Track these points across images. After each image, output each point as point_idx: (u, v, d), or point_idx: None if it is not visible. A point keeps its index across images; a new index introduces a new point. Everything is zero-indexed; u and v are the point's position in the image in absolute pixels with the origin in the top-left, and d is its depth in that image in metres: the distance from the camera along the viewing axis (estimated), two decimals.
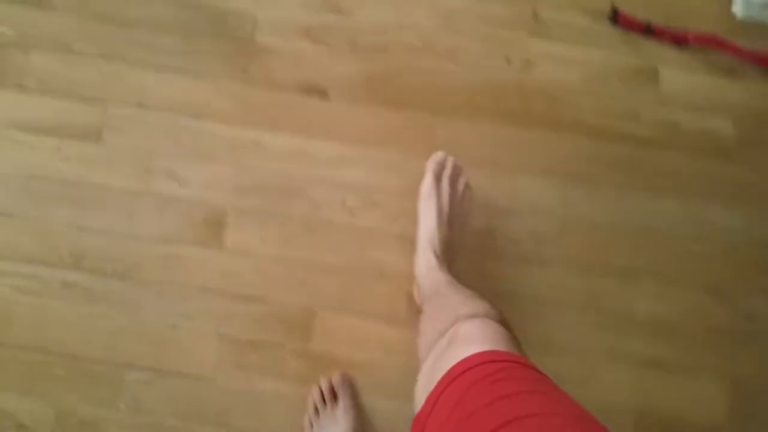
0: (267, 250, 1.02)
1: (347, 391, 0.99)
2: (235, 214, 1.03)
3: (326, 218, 1.03)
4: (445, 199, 1.01)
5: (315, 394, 0.98)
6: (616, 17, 1.07)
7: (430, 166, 1.03)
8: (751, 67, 1.08)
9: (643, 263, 1.04)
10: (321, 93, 1.05)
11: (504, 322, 0.63)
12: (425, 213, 1.01)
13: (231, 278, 1.01)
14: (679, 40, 1.07)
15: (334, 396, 0.98)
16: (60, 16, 1.05)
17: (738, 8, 1.08)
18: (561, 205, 1.05)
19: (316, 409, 0.98)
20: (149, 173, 1.02)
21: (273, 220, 1.03)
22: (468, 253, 1.03)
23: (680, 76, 1.08)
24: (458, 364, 0.54)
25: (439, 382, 0.53)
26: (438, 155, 1.04)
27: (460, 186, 1.04)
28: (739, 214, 1.05)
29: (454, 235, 1.00)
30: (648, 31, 1.07)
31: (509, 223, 1.04)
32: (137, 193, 1.02)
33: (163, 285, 1.00)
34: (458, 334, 0.61)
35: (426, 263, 0.96)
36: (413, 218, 0.97)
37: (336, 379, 0.99)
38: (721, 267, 1.05)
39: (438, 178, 1.03)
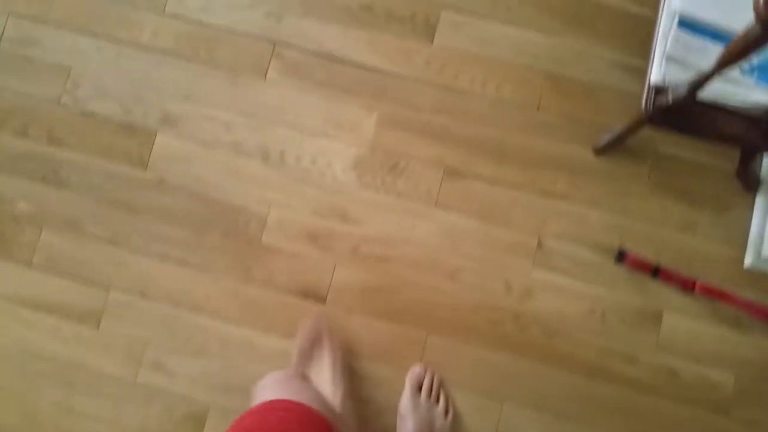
0: None
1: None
2: (218, 413, 1.03)
3: None
4: (423, 415, 0.99)
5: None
6: (623, 258, 1.05)
7: (409, 379, 1.02)
8: (758, 322, 1.05)
9: None
10: (318, 298, 1.06)
11: None
12: (403, 430, 1.00)
13: None
14: (686, 287, 1.05)
15: None
16: (76, 198, 1.08)
17: (749, 260, 1.06)
18: None
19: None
20: (140, 364, 1.04)
21: None
22: None
23: (684, 322, 1.06)
24: None
25: None
26: (417, 369, 1.03)
27: (441, 402, 1.02)
28: None
29: None
30: (655, 273, 1.05)
31: None
32: (126, 382, 1.03)
33: None
34: None
35: None
36: None
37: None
38: None
39: (416, 393, 1.01)
